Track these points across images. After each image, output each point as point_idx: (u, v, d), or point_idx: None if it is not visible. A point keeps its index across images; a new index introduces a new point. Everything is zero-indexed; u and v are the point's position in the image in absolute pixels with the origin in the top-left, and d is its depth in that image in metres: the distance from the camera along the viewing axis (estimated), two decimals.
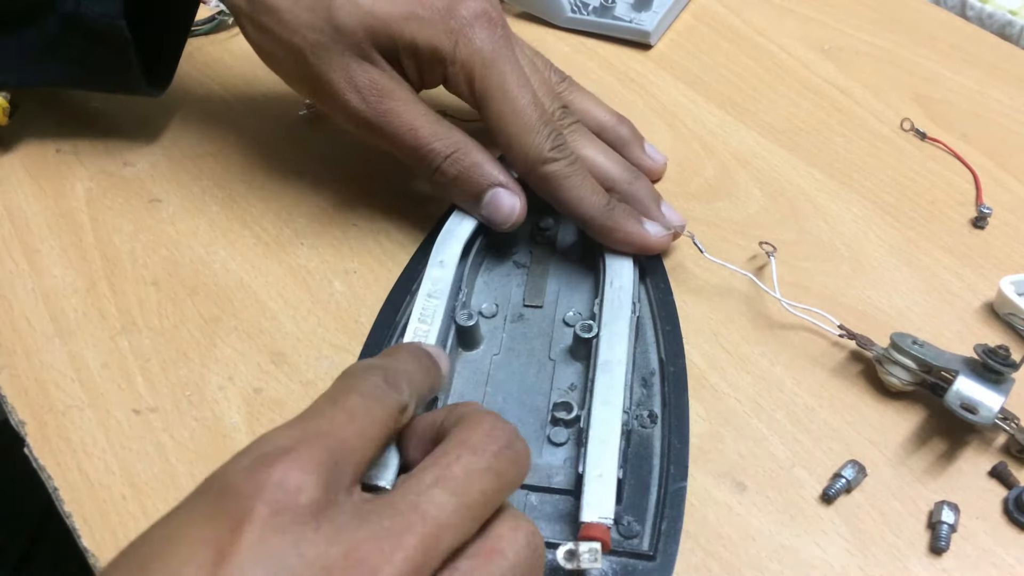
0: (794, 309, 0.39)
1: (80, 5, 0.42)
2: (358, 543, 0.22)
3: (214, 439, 0.36)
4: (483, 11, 0.39)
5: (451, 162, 0.39)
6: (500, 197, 0.39)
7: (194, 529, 0.22)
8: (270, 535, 0.22)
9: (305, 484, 0.23)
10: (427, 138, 0.39)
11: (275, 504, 0.22)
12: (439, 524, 0.23)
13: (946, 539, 0.33)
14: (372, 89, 0.39)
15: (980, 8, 0.58)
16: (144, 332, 0.40)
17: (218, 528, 0.22)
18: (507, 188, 0.39)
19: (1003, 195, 0.46)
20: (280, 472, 0.23)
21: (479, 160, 0.39)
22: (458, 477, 0.24)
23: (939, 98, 0.51)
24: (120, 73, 0.44)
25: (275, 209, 0.45)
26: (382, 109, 0.39)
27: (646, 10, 0.55)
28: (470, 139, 0.40)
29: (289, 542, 0.22)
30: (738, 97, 0.51)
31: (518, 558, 0.25)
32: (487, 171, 0.39)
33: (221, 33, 0.55)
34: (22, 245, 0.44)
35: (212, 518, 0.22)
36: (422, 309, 0.37)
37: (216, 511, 0.22)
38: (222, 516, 0.22)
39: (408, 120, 0.39)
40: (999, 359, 0.34)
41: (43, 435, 0.36)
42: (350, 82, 0.39)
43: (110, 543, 0.33)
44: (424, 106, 0.40)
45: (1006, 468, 0.35)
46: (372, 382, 0.27)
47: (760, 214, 0.45)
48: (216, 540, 0.21)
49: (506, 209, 0.39)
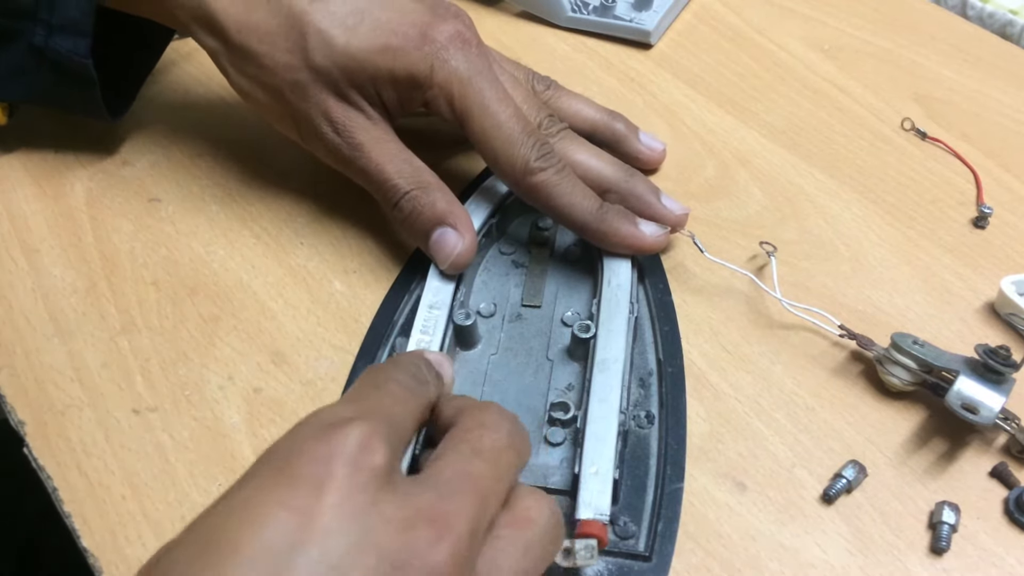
0: (794, 309, 0.39)
1: (49, 39, 0.42)
2: (428, 503, 0.23)
3: (214, 439, 0.36)
4: (456, 33, 0.39)
5: (408, 199, 0.40)
6: (444, 237, 0.39)
7: (273, 495, 0.22)
8: (352, 494, 0.22)
9: (377, 447, 0.24)
10: (391, 175, 0.40)
11: (353, 465, 0.23)
12: (485, 489, 0.25)
13: (947, 539, 0.33)
14: (346, 126, 0.40)
15: (980, 8, 0.58)
16: (144, 332, 0.40)
17: (298, 491, 0.22)
18: (454, 229, 0.39)
19: (1004, 195, 0.46)
20: (354, 436, 0.23)
21: (434, 200, 0.39)
22: (489, 449, 0.26)
23: (939, 98, 0.51)
24: (83, 104, 0.45)
25: (275, 209, 0.45)
26: (355, 143, 0.40)
27: (646, 9, 0.55)
28: (436, 182, 0.40)
29: (369, 501, 0.23)
30: (738, 97, 0.51)
31: (548, 525, 0.26)
32: (438, 211, 0.39)
33: None
34: (22, 245, 0.44)
35: (290, 483, 0.22)
36: (424, 320, 0.37)
37: (292, 477, 0.23)
38: (300, 480, 0.22)
39: (376, 157, 0.40)
40: (1000, 359, 0.34)
41: (43, 435, 0.36)
42: (327, 118, 0.40)
43: (109, 543, 0.33)
44: (396, 145, 0.41)
45: (1007, 468, 0.35)
46: (407, 374, 0.28)
47: (760, 214, 0.45)
48: (299, 503, 0.22)
49: (447, 249, 0.39)
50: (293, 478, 0.23)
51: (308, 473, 0.23)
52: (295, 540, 0.21)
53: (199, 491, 0.35)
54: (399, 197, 0.40)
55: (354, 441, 0.23)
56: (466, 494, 0.24)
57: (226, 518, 0.22)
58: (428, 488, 0.24)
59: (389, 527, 0.22)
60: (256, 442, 0.36)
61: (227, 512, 0.22)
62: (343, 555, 0.21)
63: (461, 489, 0.24)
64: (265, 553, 0.21)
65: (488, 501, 0.25)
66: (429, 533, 0.23)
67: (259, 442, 0.36)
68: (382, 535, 0.22)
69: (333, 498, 0.22)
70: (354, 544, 0.22)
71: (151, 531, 0.34)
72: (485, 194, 0.42)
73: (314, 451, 0.23)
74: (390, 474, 0.24)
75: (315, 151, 0.42)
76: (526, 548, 0.25)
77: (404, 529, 0.22)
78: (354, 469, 0.23)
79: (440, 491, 0.24)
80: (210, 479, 0.35)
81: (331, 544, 0.21)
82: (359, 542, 0.22)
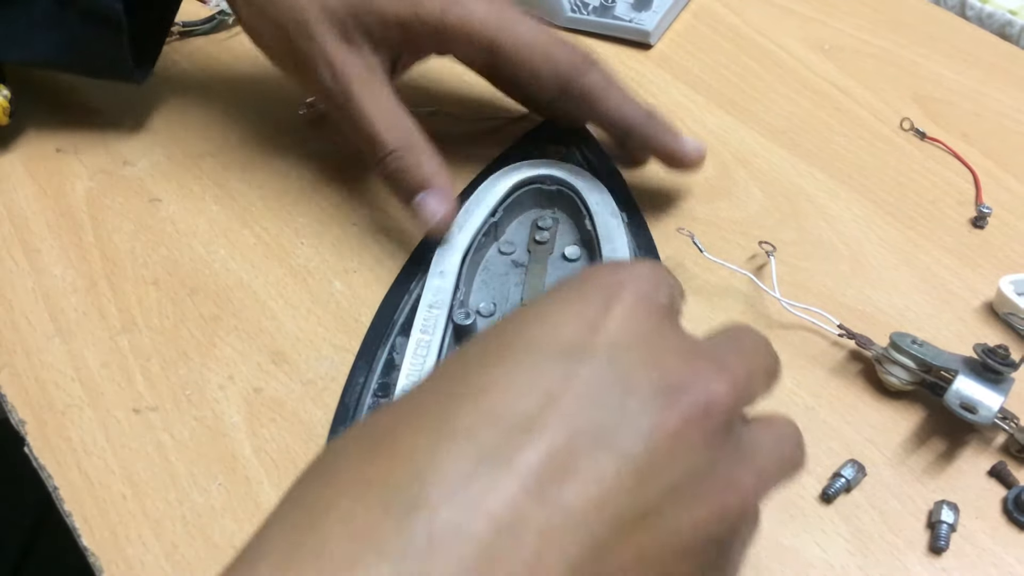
0: (794, 309, 0.39)
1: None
2: (707, 348, 0.24)
3: (214, 438, 0.36)
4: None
5: (392, 158, 0.40)
6: (425, 203, 0.39)
7: (567, 306, 0.23)
8: (638, 317, 0.23)
9: (663, 288, 0.24)
10: (379, 130, 0.40)
11: (640, 292, 0.24)
12: (753, 367, 0.25)
13: (946, 539, 0.33)
14: (344, 73, 0.40)
15: (980, 8, 0.58)
16: (144, 331, 0.40)
17: (589, 306, 0.23)
18: (436, 197, 0.39)
19: (1003, 195, 0.46)
20: (644, 271, 0.24)
21: (420, 162, 0.39)
22: (751, 350, 0.26)
23: (939, 98, 0.51)
24: (109, 56, 0.45)
25: (275, 209, 0.45)
26: (349, 92, 0.40)
27: (646, 10, 0.55)
28: (423, 142, 0.40)
29: (654, 327, 0.23)
30: (738, 97, 0.51)
31: (796, 433, 0.26)
32: (421, 175, 0.39)
33: (221, 33, 0.55)
34: (22, 245, 0.44)
35: (581, 299, 0.24)
36: (423, 320, 0.37)
37: (584, 294, 0.24)
38: (591, 298, 0.23)
39: (368, 108, 0.40)
40: (998, 359, 0.34)
41: (43, 434, 0.36)
42: (326, 61, 0.40)
43: (110, 542, 0.33)
44: (390, 100, 0.40)
45: (1005, 468, 0.35)
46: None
47: (760, 214, 0.45)
48: (590, 315, 0.23)
49: (427, 214, 0.39)
50: (584, 295, 0.24)
51: (599, 294, 0.23)
52: (586, 344, 0.22)
53: (199, 490, 0.35)
54: (384, 154, 0.40)
55: (644, 274, 0.24)
56: (740, 356, 0.24)
57: (521, 323, 0.23)
58: (706, 343, 0.25)
59: (671, 352, 0.23)
60: (256, 442, 0.36)
61: (522, 318, 0.24)
62: (628, 365, 0.22)
63: (736, 350, 0.25)
64: (559, 351, 0.22)
65: (753, 379, 0.25)
66: (710, 366, 0.23)
67: (259, 442, 0.36)
68: (665, 356, 0.23)
69: (621, 315, 0.23)
70: (639, 358, 0.22)
71: (151, 530, 0.34)
72: (485, 194, 0.42)
73: (605, 278, 0.24)
74: (673, 315, 0.25)
75: (313, 94, 0.43)
76: (779, 439, 0.25)
77: (686, 358, 0.23)
78: (641, 298, 0.23)
79: (717, 347, 0.25)
80: (210, 478, 0.35)
81: (618, 354, 0.22)
82: (643, 358, 0.22)
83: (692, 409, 0.22)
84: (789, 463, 0.25)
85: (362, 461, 0.21)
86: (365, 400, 0.36)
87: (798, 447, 0.26)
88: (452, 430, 0.20)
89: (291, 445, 0.36)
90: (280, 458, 0.36)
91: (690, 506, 0.21)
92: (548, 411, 0.21)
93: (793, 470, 0.25)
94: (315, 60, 0.40)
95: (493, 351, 0.23)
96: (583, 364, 0.22)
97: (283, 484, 0.35)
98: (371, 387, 0.37)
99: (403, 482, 0.20)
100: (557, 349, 0.22)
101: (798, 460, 0.26)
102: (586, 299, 0.23)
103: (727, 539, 0.23)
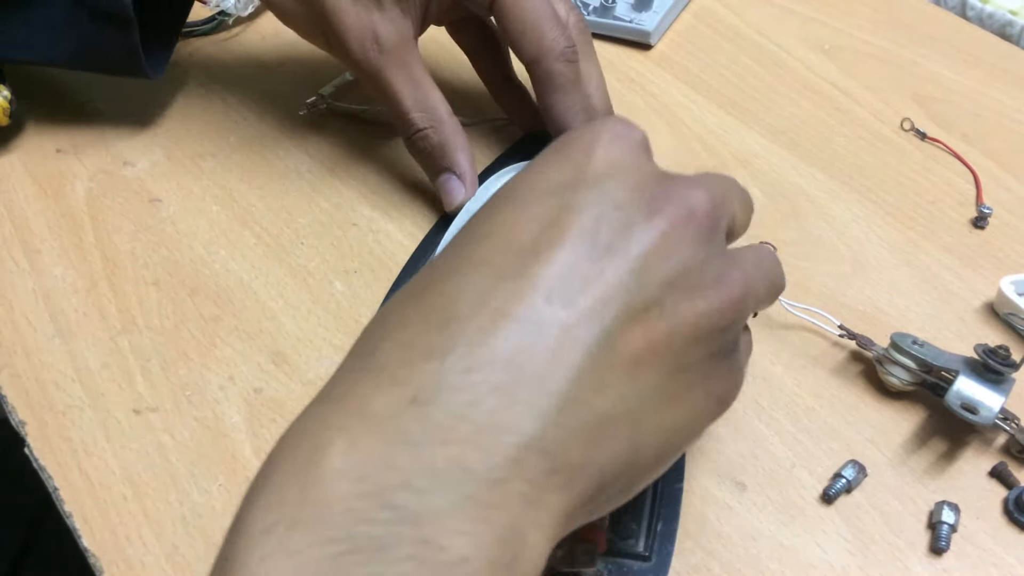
0: (794, 309, 0.39)
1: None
2: (678, 175, 0.27)
3: (214, 439, 0.36)
4: None
5: (421, 136, 0.42)
6: (449, 184, 0.42)
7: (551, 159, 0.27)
8: (617, 151, 0.26)
9: (635, 128, 0.27)
10: (407, 107, 0.41)
11: (615, 133, 0.27)
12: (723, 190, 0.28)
13: (946, 539, 0.33)
14: (373, 42, 0.40)
15: (980, 8, 0.58)
16: (144, 332, 0.40)
17: (572, 155, 0.26)
18: (459, 178, 0.42)
19: (1003, 195, 0.46)
20: (615, 120, 0.27)
21: (445, 141, 0.41)
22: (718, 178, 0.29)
23: (939, 98, 0.51)
24: (122, 55, 0.45)
25: (275, 209, 0.45)
26: (378, 65, 0.41)
27: (646, 10, 0.55)
28: (449, 117, 0.42)
29: (633, 159, 0.26)
30: (738, 97, 0.51)
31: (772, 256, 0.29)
32: (447, 155, 0.42)
33: (221, 33, 0.55)
34: (22, 245, 0.44)
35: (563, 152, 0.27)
36: None
37: (564, 150, 0.27)
38: (571, 149, 0.26)
39: (396, 84, 0.41)
40: (999, 359, 0.34)
41: (43, 435, 0.36)
42: (353, 32, 0.40)
43: (110, 543, 0.33)
44: (418, 71, 0.41)
45: (1006, 468, 0.35)
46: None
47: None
48: (574, 159, 0.26)
49: (449, 197, 0.42)
50: (565, 149, 0.27)
51: (577, 145, 0.26)
52: (576, 180, 0.25)
53: (199, 491, 0.35)
54: (412, 132, 0.42)
55: (615, 122, 0.27)
56: (713, 179, 0.27)
57: (517, 179, 0.26)
58: (682, 179, 0.27)
59: (652, 177, 0.26)
60: (257, 442, 0.36)
61: (518, 176, 0.27)
62: (614, 189, 0.25)
63: (708, 178, 0.27)
64: (553, 189, 0.25)
65: (727, 197, 0.27)
66: (686, 182, 0.26)
67: (260, 442, 0.36)
68: (647, 180, 0.26)
69: (602, 154, 0.26)
70: (623, 183, 0.25)
71: (151, 531, 0.34)
72: (485, 194, 0.42)
73: (580, 133, 0.27)
74: (648, 151, 0.27)
75: (345, 65, 0.43)
76: (760, 256, 0.28)
77: (664, 181, 0.26)
78: (617, 136, 0.26)
79: (690, 176, 0.27)
80: (211, 479, 0.35)
81: (605, 184, 0.25)
82: (627, 182, 0.25)
83: (676, 212, 0.25)
84: (772, 276, 0.28)
85: (404, 306, 0.25)
86: None
87: (778, 265, 0.29)
88: (471, 262, 0.24)
89: None
90: None
91: (689, 297, 0.24)
92: (550, 232, 0.24)
93: (775, 286, 0.29)
94: (342, 32, 0.40)
95: (498, 202, 0.26)
96: (575, 194, 0.25)
97: None
98: None
99: (438, 305, 0.24)
100: (551, 188, 0.25)
101: (779, 277, 0.29)
102: (570, 147, 0.26)
103: (730, 329, 0.25)
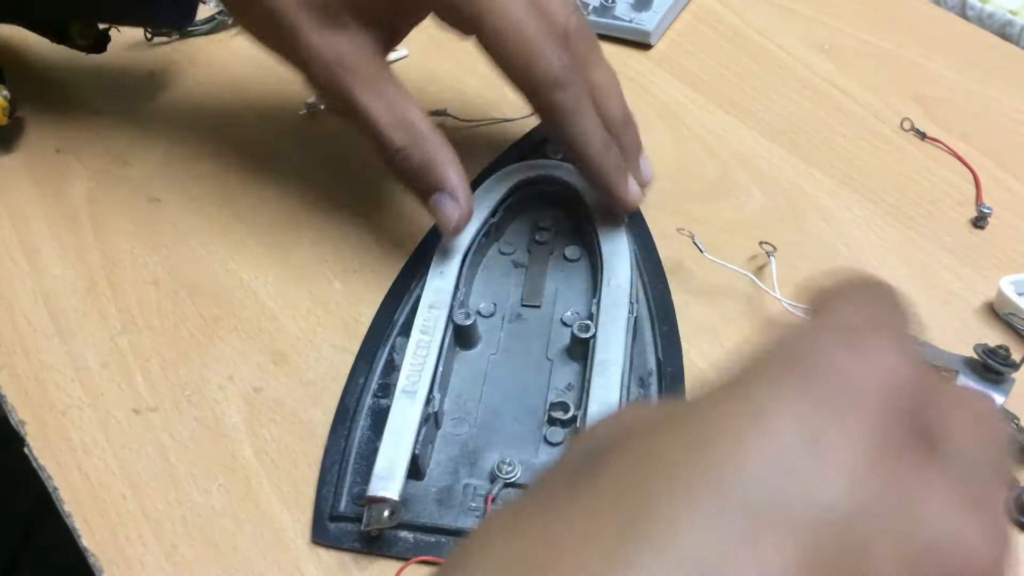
0: (794, 309, 0.39)
1: None
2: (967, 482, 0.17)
3: (214, 439, 0.36)
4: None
5: (402, 156, 0.38)
6: (441, 203, 0.38)
7: (789, 402, 0.17)
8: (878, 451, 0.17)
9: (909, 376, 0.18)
10: (382, 126, 0.38)
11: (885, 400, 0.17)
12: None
13: None
14: (336, 64, 0.37)
15: (980, 8, 0.58)
16: (144, 332, 0.40)
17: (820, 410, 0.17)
18: (451, 196, 0.38)
19: (1003, 195, 0.46)
20: (889, 355, 0.18)
21: (430, 159, 0.38)
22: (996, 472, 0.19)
23: (939, 98, 0.51)
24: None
25: (275, 209, 0.45)
26: (345, 87, 0.38)
27: (646, 10, 0.55)
28: (432, 133, 0.38)
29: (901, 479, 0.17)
30: (738, 97, 0.51)
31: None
32: (434, 172, 0.38)
33: (221, 33, 0.55)
34: (22, 245, 0.44)
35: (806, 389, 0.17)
36: (423, 320, 0.37)
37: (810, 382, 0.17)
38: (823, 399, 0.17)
39: (368, 103, 0.37)
40: (999, 359, 0.34)
41: (43, 435, 0.36)
42: (313, 54, 0.37)
43: (110, 543, 0.33)
44: (391, 88, 0.38)
45: None
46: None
47: (760, 214, 0.45)
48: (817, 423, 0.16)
49: (445, 218, 0.38)
50: (811, 382, 0.17)
51: (832, 390, 0.17)
52: (789, 510, 0.16)
53: (199, 491, 0.35)
54: (391, 152, 0.38)
55: (890, 363, 0.18)
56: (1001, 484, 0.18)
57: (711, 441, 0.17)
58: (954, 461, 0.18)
59: (934, 504, 0.16)
60: (256, 442, 0.36)
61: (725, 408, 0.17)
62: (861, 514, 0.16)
63: (998, 472, 0.18)
64: (748, 511, 0.16)
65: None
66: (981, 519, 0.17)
67: (259, 442, 0.36)
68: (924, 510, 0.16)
69: (851, 462, 0.16)
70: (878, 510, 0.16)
71: (151, 531, 0.34)
72: (486, 193, 0.42)
73: (841, 362, 0.17)
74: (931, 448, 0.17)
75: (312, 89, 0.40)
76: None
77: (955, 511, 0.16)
78: (887, 406, 0.17)
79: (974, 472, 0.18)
80: (210, 479, 0.35)
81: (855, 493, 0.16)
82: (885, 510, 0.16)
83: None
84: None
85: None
86: (365, 400, 0.36)
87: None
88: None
89: (291, 445, 0.36)
90: (280, 458, 0.36)
91: None
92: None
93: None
94: (302, 54, 0.37)
95: (693, 449, 0.17)
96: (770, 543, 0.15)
97: (283, 484, 0.35)
98: (371, 387, 0.37)
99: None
100: (747, 507, 0.16)
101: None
102: (808, 415, 0.17)
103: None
